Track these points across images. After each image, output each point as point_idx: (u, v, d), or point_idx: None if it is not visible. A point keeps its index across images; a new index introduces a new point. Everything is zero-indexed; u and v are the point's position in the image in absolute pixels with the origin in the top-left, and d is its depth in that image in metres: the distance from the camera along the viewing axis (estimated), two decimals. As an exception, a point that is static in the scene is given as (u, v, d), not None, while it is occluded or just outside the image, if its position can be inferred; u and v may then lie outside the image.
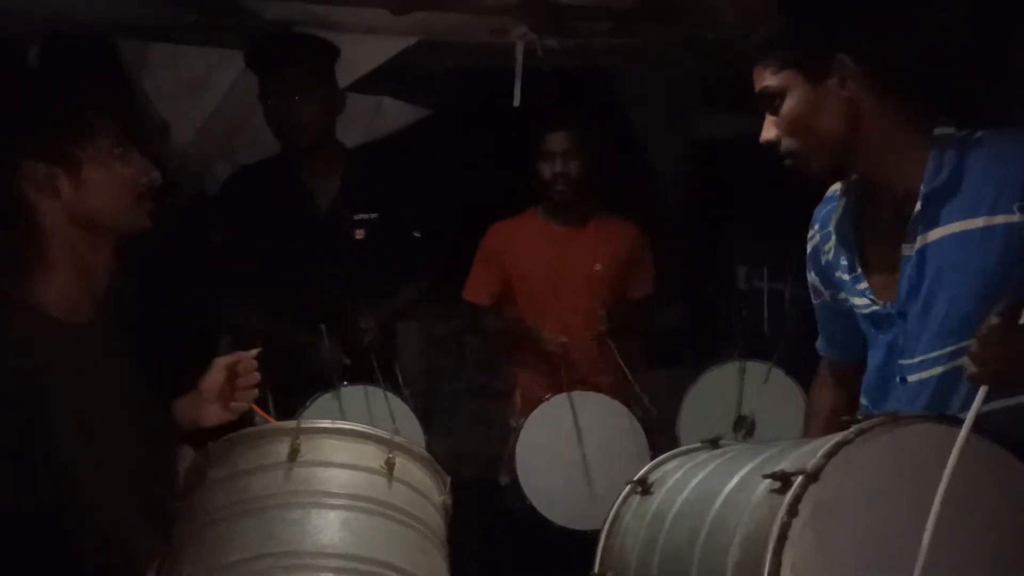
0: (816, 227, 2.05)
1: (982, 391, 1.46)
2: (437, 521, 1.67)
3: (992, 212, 1.72)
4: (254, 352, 1.92)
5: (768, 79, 1.85)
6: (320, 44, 3.14)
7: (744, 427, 3.28)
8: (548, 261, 3.48)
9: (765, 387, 3.29)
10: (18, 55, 2.83)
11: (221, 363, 1.88)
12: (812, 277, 2.08)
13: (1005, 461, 1.42)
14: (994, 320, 1.51)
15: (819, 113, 1.81)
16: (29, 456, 1.56)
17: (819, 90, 1.80)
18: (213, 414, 1.86)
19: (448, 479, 1.73)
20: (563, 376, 3.22)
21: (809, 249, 2.07)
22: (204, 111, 3.45)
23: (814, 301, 2.12)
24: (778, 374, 3.29)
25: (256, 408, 1.88)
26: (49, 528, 1.56)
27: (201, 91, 3.41)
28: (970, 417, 1.39)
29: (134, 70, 3.31)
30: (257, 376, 1.90)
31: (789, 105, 1.83)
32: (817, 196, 2.11)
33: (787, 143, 1.86)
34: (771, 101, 1.86)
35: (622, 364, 3.27)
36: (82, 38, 2.98)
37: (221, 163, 3.64)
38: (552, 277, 3.47)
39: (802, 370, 3.21)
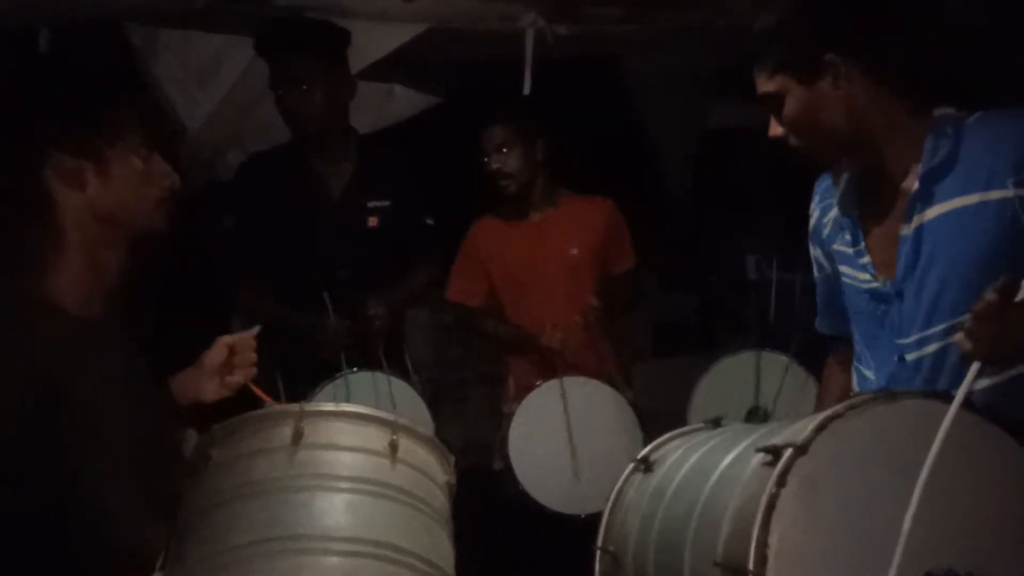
0: (816, 199, 2.08)
1: (974, 367, 1.47)
2: (441, 501, 1.66)
3: (987, 188, 1.74)
4: (254, 331, 1.94)
5: (765, 84, 1.89)
6: (330, 31, 3.13)
7: (758, 417, 3.26)
8: (524, 253, 3.45)
9: (779, 377, 3.27)
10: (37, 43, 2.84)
11: (224, 341, 1.91)
12: (815, 251, 2.10)
13: (995, 436, 1.43)
14: (990, 296, 1.52)
15: (818, 113, 1.85)
16: (38, 449, 1.56)
17: (813, 91, 1.84)
18: (211, 390, 1.89)
19: (453, 459, 1.73)
20: (556, 363, 3.22)
21: (811, 223, 2.09)
22: (215, 98, 3.46)
23: (816, 275, 2.13)
24: (793, 365, 3.27)
25: (252, 387, 1.90)
26: (59, 517, 1.57)
27: (212, 77, 3.42)
28: (961, 392, 1.39)
29: (145, 56, 3.32)
30: (254, 356, 1.92)
31: (788, 108, 1.87)
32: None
33: (793, 141, 1.91)
34: (772, 104, 1.89)
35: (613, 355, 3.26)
36: (93, 23, 2.99)
37: (232, 150, 3.64)
38: (530, 268, 3.44)
39: (815, 360, 3.20)
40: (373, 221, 3.26)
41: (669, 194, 4.57)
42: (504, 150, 3.33)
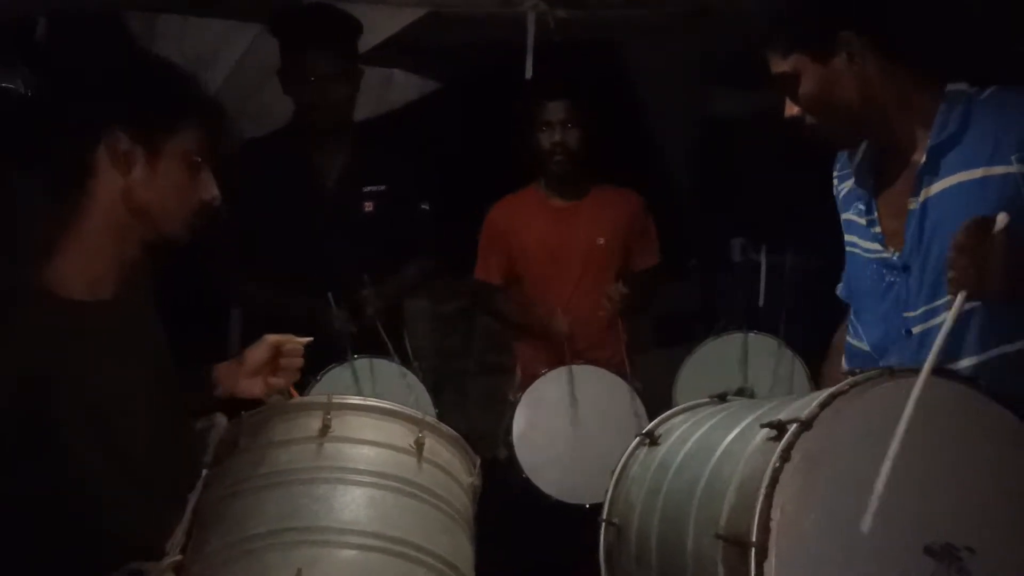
0: (838, 166, 2.10)
1: (960, 295, 1.49)
2: (464, 502, 1.66)
3: (991, 163, 1.76)
4: (306, 340, 1.95)
5: (780, 64, 1.91)
6: (351, 24, 3.09)
7: (745, 398, 3.25)
8: (549, 236, 3.42)
9: (764, 359, 3.26)
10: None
11: (270, 340, 1.91)
12: (842, 217, 2.11)
13: (996, 411, 1.43)
14: (968, 226, 1.55)
15: (833, 90, 1.87)
16: (45, 438, 1.56)
17: (829, 68, 1.86)
18: (250, 387, 1.89)
19: (478, 460, 1.72)
20: (566, 352, 3.18)
21: (835, 191, 2.12)
22: (213, 84, 3.41)
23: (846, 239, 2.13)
24: (781, 347, 3.27)
25: (293, 391, 1.90)
26: (69, 505, 1.56)
27: (210, 64, 3.38)
28: (949, 320, 1.41)
29: (143, 43, 3.28)
30: (301, 361, 1.93)
31: (804, 86, 1.89)
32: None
33: (809, 120, 1.93)
34: (787, 84, 1.91)
35: (624, 346, 3.25)
36: (91, 10, 2.96)
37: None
38: (554, 252, 3.42)
39: (803, 341, 3.20)
40: (369, 206, 3.24)
41: (670, 184, 4.55)
42: (568, 125, 3.29)
